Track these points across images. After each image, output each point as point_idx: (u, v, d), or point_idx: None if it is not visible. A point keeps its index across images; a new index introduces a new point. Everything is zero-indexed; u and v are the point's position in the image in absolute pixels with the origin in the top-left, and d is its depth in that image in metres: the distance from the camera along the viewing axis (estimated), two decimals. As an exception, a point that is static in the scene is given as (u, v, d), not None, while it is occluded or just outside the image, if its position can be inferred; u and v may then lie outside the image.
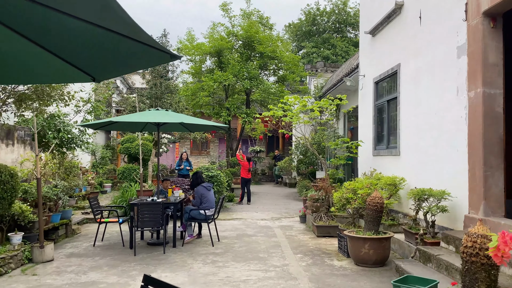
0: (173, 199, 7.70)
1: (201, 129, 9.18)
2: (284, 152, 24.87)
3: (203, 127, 8.72)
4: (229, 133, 17.09)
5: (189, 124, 8.21)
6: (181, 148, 25.25)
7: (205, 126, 8.50)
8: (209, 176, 11.87)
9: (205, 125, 8.28)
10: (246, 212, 12.13)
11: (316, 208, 9.01)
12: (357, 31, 36.09)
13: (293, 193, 17.36)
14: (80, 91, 10.73)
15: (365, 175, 9.47)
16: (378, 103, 9.65)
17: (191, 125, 8.59)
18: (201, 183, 7.90)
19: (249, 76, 15.42)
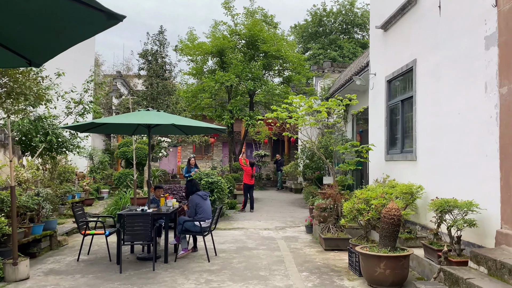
0: (165, 209, 6.96)
1: (198, 132, 8.45)
2: (290, 156, 24.09)
3: (199, 130, 7.99)
4: (232, 137, 16.37)
5: (183, 126, 7.48)
6: (183, 152, 24.56)
7: (201, 129, 7.77)
8: (209, 183, 11.13)
9: (200, 127, 7.56)
10: (249, 221, 11.37)
11: (324, 219, 8.23)
12: (364, 32, 35.29)
13: (299, 199, 16.57)
14: (71, 91, 10.07)
15: (377, 182, 8.68)
16: (391, 103, 8.87)
17: (186, 127, 7.88)
18: (196, 192, 7.16)
19: (253, 76, 14.70)
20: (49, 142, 9.28)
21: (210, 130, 7.85)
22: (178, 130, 8.09)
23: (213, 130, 7.83)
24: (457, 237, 5.34)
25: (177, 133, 8.36)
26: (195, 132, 8.28)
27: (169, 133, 8.56)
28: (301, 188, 19.30)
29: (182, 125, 7.25)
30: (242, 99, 15.93)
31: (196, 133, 8.70)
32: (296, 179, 20.16)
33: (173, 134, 8.78)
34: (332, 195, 8.20)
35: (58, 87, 9.79)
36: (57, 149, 9.92)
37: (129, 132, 8.13)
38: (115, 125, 7.48)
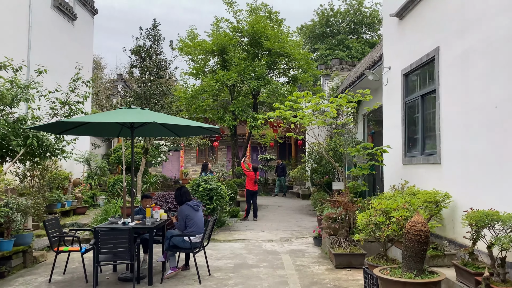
0: (150, 222, 6.02)
1: (190, 133, 7.51)
2: (297, 160, 23.07)
3: (189, 130, 7.04)
4: (235, 140, 15.43)
5: (171, 125, 6.56)
6: (186, 156, 23.68)
7: (191, 129, 6.83)
8: (208, 189, 10.20)
9: (190, 127, 6.63)
10: (251, 231, 10.38)
11: (334, 231, 7.23)
12: (373, 32, 34.23)
13: (307, 206, 15.54)
14: (55, 91, 9.21)
15: (394, 188, 7.66)
16: (409, 100, 7.86)
17: (176, 128, 6.95)
18: (186, 201, 6.21)
19: (256, 75, 13.76)
20: (30, 146, 8.41)
21: (202, 130, 6.92)
22: (167, 131, 7.16)
23: (205, 131, 6.90)
24: (501, 259, 4.31)
25: (166, 134, 7.43)
26: (186, 133, 7.34)
27: (158, 134, 7.64)
28: (309, 194, 18.27)
29: (169, 125, 6.32)
30: (245, 100, 15.00)
31: (189, 135, 7.76)
32: (303, 184, 19.14)
33: (163, 135, 7.85)
34: (343, 203, 7.20)
35: (39, 86, 8.95)
36: (40, 153, 9.04)
37: (113, 134, 7.22)
38: (97, 126, 6.57)
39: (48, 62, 13.86)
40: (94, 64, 32.45)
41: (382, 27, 9.01)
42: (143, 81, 10.03)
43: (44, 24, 14.50)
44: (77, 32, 17.06)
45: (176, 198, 6.35)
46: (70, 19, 16.40)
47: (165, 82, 10.57)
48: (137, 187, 10.58)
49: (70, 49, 15.79)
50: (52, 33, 14.98)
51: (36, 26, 13.90)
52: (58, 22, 15.51)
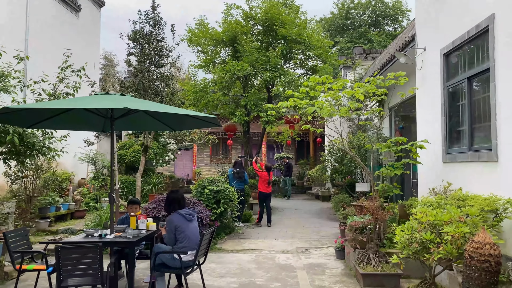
0: (131, 235, 4.84)
1: (186, 126, 6.30)
2: (316, 159, 21.71)
3: (183, 121, 5.82)
4: (248, 137, 14.21)
5: (159, 115, 5.39)
6: (199, 155, 22.59)
7: (185, 120, 5.65)
8: (214, 192, 9.02)
9: (184, 118, 5.46)
10: (263, 239, 9.15)
11: (361, 244, 5.93)
12: (396, 23, 32.50)
13: (327, 209, 14.19)
14: (41, 81, 8.19)
15: (434, 191, 6.31)
16: (451, 84, 6.49)
17: (165, 118, 5.79)
18: (177, 210, 5.02)
19: (270, 66, 12.50)
20: (11, 143, 7.39)
21: (198, 122, 5.71)
22: (157, 124, 5.99)
23: (202, 122, 5.69)
24: None
25: (157, 128, 6.26)
26: (181, 126, 6.13)
27: (147, 128, 6.49)
28: (329, 195, 16.91)
29: (157, 114, 5.16)
30: (258, 94, 13.78)
31: (184, 128, 6.56)
32: (323, 184, 17.78)
33: (153, 129, 6.70)
34: (373, 210, 5.88)
35: (21, 75, 7.94)
36: (26, 152, 8.02)
37: (96, 128, 6.09)
38: (73, 118, 5.45)
39: (47, 54, 12.98)
40: (106, 61, 31.81)
41: (414, 5, 7.65)
42: (141, 70, 8.91)
43: (43, 14, 13.60)
44: (81, 24, 16.16)
45: (164, 204, 5.17)
46: (73, 10, 15.49)
47: (167, 74, 9.41)
48: (136, 189, 9.47)
49: (73, 42, 14.86)
50: (53, 24, 14.07)
51: (34, 16, 13.00)
52: (59, 12, 14.61)
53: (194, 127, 6.25)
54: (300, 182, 21.70)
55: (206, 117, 4.94)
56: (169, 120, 5.93)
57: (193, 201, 8.42)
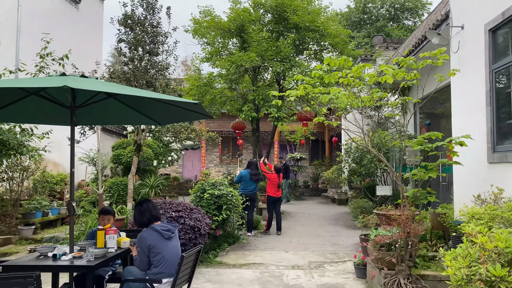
0: (91, 255, 3.74)
1: (174, 119, 5.19)
2: (332, 159, 20.43)
3: (166, 112, 4.69)
4: (256, 136, 13.07)
5: (136, 103, 4.30)
6: (208, 155, 21.54)
7: (168, 110, 4.54)
8: (215, 196, 7.92)
9: (166, 108, 4.35)
10: (271, 250, 7.99)
11: (389, 265, 4.73)
12: (416, 17, 30.94)
13: (344, 214, 12.95)
14: (18, 71, 7.22)
15: (480, 199, 5.07)
16: (500, 67, 5.25)
17: (149, 110, 4.69)
18: (151, 223, 3.90)
19: (281, 57, 11.34)
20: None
21: (186, 113, 4.60)
22: (138, 116, 4.90)
23: (191, 114, 4.57)
24: None
25: (136, 121, 5.17)
26: (166, 118, 5.01)
27: (125, 121, 5.40)
28: (346, 198, 15.65)
29: (129, 101, 4.07)
30: (268, 88, 12.63)
31: (170, 121, 5.45)
32: (339, 187, 16.52)
33: (132, 123, 5.62)
34: (403, 222, 4.68)
35: None
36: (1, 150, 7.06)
37: (59, 120, 4.99)
38: (22, 108, 4.39)
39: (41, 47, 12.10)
40: (114, 59, 31.06)
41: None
42: (132, 58, 7.86)
43: (38, 4, 12.71)
44: (82, 17, 15.27)
45: (135, 216, 4.06)
46: (72, 2, 14.60)
47: (163, 62, 8.34)
48: (128, 193, 8.43)
49: (73, 35, 13.97)
50: (49, 15, 13.18)
51: (27, 6, 12.12)
52: (56, 3, 13.72)
53: (183, 120, 5.15)
54: (315, 184, 20.46)
55: (189, 103, 3.82)
56: (150, 111, 4.84)
57: (190, 208, 7.33)
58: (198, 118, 4.77)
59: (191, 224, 6.97)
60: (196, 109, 4.07)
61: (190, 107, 4.11)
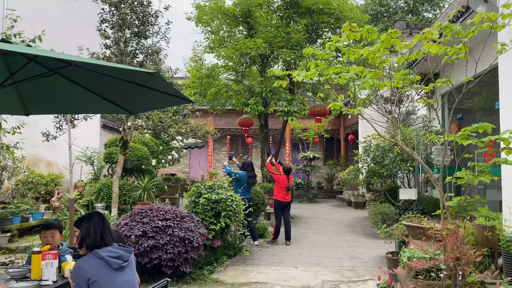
0: None
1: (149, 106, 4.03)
2: (347, 159, 19.13)
3: (141, 99, 3.56)
4: (265, 133, 11.89)
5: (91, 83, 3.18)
6: (215, 155, 20.44)
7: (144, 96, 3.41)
8: (212, 201, 6.79)
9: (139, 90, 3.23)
10: (278, 265, 6.80)
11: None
12: (437, 9, 29.36)
13: (362, 219, 11.69)
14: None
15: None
16: None
17: (113, 93, 3.57)
18: (97, 247, 2.76)
19: (291, 44, 10.14)
20: None
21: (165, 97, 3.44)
22: (103, 103, 3.77)
23: (163, 100, 3.43)
24: None
25: (106, 110, 4.04)
26: (142, 106, 3.87)
27: (83, 110, 4.26)
28: (364, 202, 14.36)
29: (76, 75, 2.96)
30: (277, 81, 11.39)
31: (149, 108, 4.31)
32: (356, 189, 15.23)
33: (95, 112, 4.49)
34: (450, 243, 3.45)
35: None
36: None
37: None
38: None
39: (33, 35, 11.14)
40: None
41: None
42: (116, 40, 6.77)
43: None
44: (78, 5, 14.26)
45: (81, 238, 2.91)
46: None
47: (154, 46, 7.24)
48: (113, 197, 7.34)
49: (68, 23, 12.97)
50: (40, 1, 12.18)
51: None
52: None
53: (159, 106, 4.02)
54: (329, 185, 19.18)
55: (143, 73, 2.65)
56: (115, 95, 3.71)
57: (181, 215, 6.21)
58: (176, 104, 3.67)
59: (181, 236, 5.85)
60: (154, 83, 2.92)
61: (148, 82, 2.97)
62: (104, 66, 2.62)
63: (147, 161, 10.27)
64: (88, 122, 11.91)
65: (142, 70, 2.47)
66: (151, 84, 3.25)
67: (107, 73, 2.92)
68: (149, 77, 2.78)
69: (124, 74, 2.86)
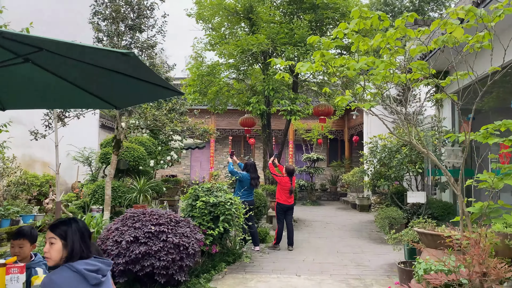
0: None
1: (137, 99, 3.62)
2: (352, 161, 18.69)
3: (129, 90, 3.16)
4: (267, 133, 11.48)
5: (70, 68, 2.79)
6: (217, 155, 20.05)
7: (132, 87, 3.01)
8: (210, 204, 6.39)
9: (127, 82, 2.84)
10: (279, 273, 6.38)
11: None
12: (442, 8, 28.90)
13: (368, 223, 11.26)
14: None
15: None
16: None
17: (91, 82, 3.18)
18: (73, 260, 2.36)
19: (295, 40, 9.74)
20: None
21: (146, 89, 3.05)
22: (83, 95, 3.38)
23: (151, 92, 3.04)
24: None
25: (87, 105, 3.65)
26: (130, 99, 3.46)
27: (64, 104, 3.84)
28: (369, 204, 13.93)
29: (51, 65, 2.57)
30: (280, 80, 11.06)
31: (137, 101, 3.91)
32: (361, 191, 14.80)
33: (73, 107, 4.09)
34: (475, 256, 3.03)
35: None
36: None
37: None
38: None
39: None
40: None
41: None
42: (109, 33, 6.38)
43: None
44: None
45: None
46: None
47: (150, 40, 6.86)
48: (105, 200, 6.96)
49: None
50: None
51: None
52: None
53: (148, 99, 3.64)
54: (333, 187, 18.74)
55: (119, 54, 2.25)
56: (97, 87, 3.32)
57: (176, 220, 5.81)
58: (166, 96, 3.27)
59: (176, 242, 5.44)
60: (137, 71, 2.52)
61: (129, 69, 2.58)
62: (73, 45, 2.22)
63: (144, 162, 9.89)
64: (87, 122, 11.49)
65: (115, 50, 2.08)
66: (135, 73, 2.86)
67: (76, 57, 2.53)
68: (129, 63, 2.38)
69: (96, 55, 2.46)
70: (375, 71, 3.59)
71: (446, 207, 8.71)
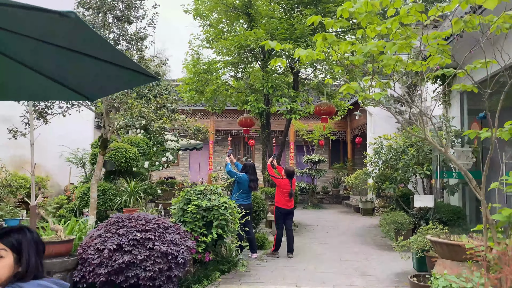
0: None
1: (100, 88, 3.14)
2: (355, 163, 18.18)
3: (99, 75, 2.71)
4: (267, 133, 11.00)
5: None
6: (216, 157, 19.56)
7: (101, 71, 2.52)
8: (203, 209, 5.91)
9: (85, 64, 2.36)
10: (278, 284, 5.88)
11: None
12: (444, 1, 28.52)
13: (372, 228, 10.76)
14: None
15: None
16: None
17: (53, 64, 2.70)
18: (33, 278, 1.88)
19: (295, 36, 9.28)
20: None
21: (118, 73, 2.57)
22: (49, 84, 2.91)
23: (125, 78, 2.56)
24: None
25: (57, 96, 3.18)
26: (95, 88, 3.00)
27: (28, 96, 3.36)
28: (372, 208, 13.43)
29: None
30: (280, 78, 10.61)
31: (104, 93, 3.43)
32: (364, 194, 14.29)
33: (40, 99, 3.63)
34: (509, 273, 2.53)
35: None
36: None
37: None
38: None
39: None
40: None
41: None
42: (94, 24, 5.93)
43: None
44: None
45: None
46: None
47: (140, 33, 6.40)
48: (90, 203, 6.49)
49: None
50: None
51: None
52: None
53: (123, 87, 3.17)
54: (335, 190, 18.24)
55: (53, 12, 1.76)
56: (66, 75, 2.85)
57: (164, 225, 5.33)
58: (141, 83, 2.78)
59: (163, 250, 4.96)
60: (71, 27, 2.02)
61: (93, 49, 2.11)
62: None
63: (137, 163, 9.41)
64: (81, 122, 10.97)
65: (51, 9, 1.58)
66: (103, 56, 2.39)
67: (14, 28, 2.05)
68: (72, 27, 1.88)
69: (35, 21, 1.96)
70: (385, 56, 3.11)
71: (455, 211, 8.21)
